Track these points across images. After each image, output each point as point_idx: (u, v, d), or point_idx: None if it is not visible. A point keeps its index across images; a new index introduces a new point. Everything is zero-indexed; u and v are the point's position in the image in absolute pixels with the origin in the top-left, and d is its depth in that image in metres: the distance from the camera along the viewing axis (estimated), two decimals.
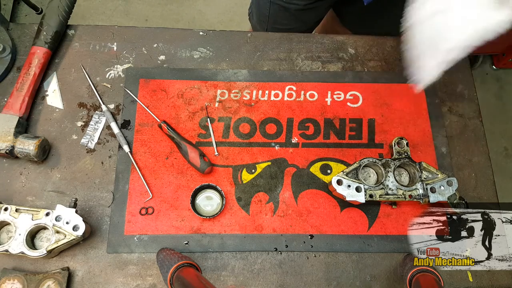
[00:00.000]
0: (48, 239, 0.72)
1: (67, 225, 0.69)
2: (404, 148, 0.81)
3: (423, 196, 0.76)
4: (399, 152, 0.81)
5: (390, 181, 0.77)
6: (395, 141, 0.81)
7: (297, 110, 0.88)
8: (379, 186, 0.77)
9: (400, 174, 0.81)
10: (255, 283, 0.76)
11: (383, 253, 0.79)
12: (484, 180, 0.85)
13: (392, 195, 0.76)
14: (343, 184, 0.76)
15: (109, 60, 0.90)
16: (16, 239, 0.69)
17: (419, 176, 0.77)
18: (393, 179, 0.77)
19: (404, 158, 0.79)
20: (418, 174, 0.77)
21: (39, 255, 0.68)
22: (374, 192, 0.76)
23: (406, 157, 0.80)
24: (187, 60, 0.92)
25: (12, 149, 0.76)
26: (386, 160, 0.79)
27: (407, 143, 0.81)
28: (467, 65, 0.96)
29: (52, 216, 0.70)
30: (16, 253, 0.68)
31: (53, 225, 0.69)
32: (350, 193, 0.75)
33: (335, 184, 0.76)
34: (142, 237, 0.77)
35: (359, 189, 0.75)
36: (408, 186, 0.77)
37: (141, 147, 0.83)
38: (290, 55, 0.94)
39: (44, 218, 0.70)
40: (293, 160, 0.84)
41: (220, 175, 0.82)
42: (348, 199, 0.75)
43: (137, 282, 0.74)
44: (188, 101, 0.87)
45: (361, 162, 0.78)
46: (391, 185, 0.77)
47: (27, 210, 0.71)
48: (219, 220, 0.79)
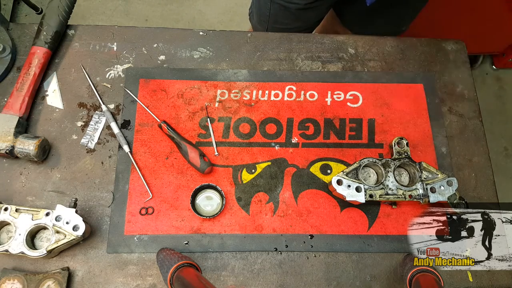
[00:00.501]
0: (48, 239, 0.72)
1: (67, 225, 0.69)
2: (404, 148, 0.81)
3: (423, 196, 0.76)
4: (399, 152, 0.81)
5: (390, 181, 0.77)
6: (395, 141, 0.81)
7: (297, 110, 0.88)
8: (379, 186, 0.77)
9: (400, 174, 0.81)
10: (255, 283, 0.76)
11: (383, 253, 0.79)
12: (484, 180, 0.85)
13: (392, 195, 0.76)
14: (343, 184, 0.76)
15: (109, 60, 0.90)
16: (16, 239, 0.69)
17: (419, 176, 0.77)
18: (393, 179, 0.77)
19: (404, 158, 0.80)
20: (418, 174, 0.77)
21: (39, 255, 0.68)
22: (374, 192, 0.76)
23: (406, 157, 0.80)
24: (187, 60, 0.92)
25: (12, 149, 0.76)
26: (386, 160, 0.79)
27: (407, 143, 0.81)
28: (467, 65, 0.96)
29: (52, 216, 0.70)
30: (16, 253, 0.68)
31: (53, 225, 0.70)
32: (350, 193, 0.75)
33: (335, 184, 0.76)
34: (142, 237, 0.77)
35: (359, 189, 0.76)
36: (408, 186, 0.77)
37: (141, 147, 0.83)
38: (290, 55, 0.94)
39: (44, 218, 0.70)
40: (293, 160, 0.84)
41: (220, 175, 0.82)
42: (348, 199, 0.75)
43: (137, 282, 0.74)
44: (188, 101, 0.87)
45: (361, 162, 0.78)
46: (391, 185, 0.77)
47: (27, 210, 0.71)
48: (219, 220, 0.79)
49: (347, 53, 0.95)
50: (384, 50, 0.95)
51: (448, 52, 0.96)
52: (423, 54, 0.95)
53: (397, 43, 0.96)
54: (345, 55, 0.94)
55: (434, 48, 0.96)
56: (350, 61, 0.94)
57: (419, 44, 0.96)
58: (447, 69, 0.94)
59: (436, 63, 0.95)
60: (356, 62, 0.94)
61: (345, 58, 0.94)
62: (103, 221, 0.78)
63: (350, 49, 0.95)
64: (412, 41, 0.97)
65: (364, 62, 0.94)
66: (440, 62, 0.95)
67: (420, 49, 0.96)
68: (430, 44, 0.97)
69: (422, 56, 0.95)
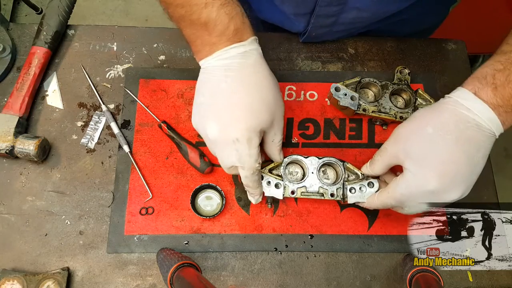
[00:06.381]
0: None
1: None
2: (405, 76, 0.87)
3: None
4: (399, 78, 0.87)
5: (385, 101, 0.83)
6: (398, 69, 0.88)
7: (297, 110, 0.88)
8: (374, 103, 0.83)
9: (396, 100, 0.87)
10: (255, 283, 0.76)
11: (383, 253, 0.79)
12: (484, 180, 0.85)
13: (384, 113, 0.82)
14: (340, 91, 0.82)
15: (109, 60, 0.90)
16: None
17: (414, 102, 0.84)
18: (389, 100, 0.83)
19: (403, 84, 0.85)
20: (412, 99, 0.84)
21: None
22: (368, 107, 0.82)
23: (405, 84, 0.86)
24: (187, 60, 0.92)
25: (12, 149, 0.76)
26: (386, 83, 0.85)
27: (409, 72, 0.87)
28: (467, 65, 0.96)
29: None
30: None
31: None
32: (348, 102, 0.81)
33: (333, 90, 0.82)
34: (142, 237, 0.77)
35: (354, 98, 0.82)
36: (401, 108, 0.83)
37: (141, 147, 0.83)
38: (290, 55, 0.94)
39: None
40: None
41: (220, 175, 0.82)
42: (341, 103, 0.81)
43: (137, 282, 0.75)
44: (188, 101, 0.87)
45: (363, 80, 0.84)
46: (385, 105, 0.83)
47: None
48: (219, 220, 0.79)
49: (347, 53, 0.95)
50: (384, 50, 0.95)
51: (448, 52, 0.96)
52: (423, 54, 0.95)
53: (397, 43, 0.96)
54: (345, 55, 0.94)
55: (434, 48, 0.96)
56: (350, 61, 0.94)
57: (419, 44, 0.96)
58: (447, 69, 0.94)
59: (436, 63, 0.95)
60: (356, 62, 0.94)
61: (345, 58, 0.94)
62: (103, 221, 0.78)
63: (350, 49, 0.95)
64: (412, 41, 0.97)
65: (364, 62, 0.94)
66: (440, 62, 0.95)
67: (420, 49, 0.96)
68: (430, 44, 0.97)
69: (422, 56, 0.95)
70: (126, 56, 0.91)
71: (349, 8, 0.79)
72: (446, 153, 0.61)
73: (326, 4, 0.78)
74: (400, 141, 0.67)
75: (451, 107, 0.63)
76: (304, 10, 0.82)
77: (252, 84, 0.64)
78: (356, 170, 0.77)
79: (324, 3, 0.78)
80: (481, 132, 0.61)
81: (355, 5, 0.78)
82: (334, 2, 0.77)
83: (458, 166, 0.61)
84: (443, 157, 0.61)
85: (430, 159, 0.62)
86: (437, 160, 0.62)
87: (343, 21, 0.84)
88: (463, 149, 0.61)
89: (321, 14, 0.81)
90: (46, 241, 0.76)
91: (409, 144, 0.65)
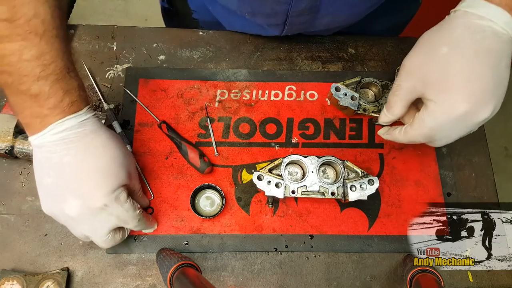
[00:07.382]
0: None
1: None
2: None
3: None
4: None
5: (386, 101, 0.82)
6: (398, 69, 0.86)
7: (297, 110, 0.88)
8: (374, 103, 0.83)
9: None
10: (255, 283, 0.76)
11: (384, 254, 0.79)
12: (484, 180, 0.85)
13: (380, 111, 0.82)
14: (340, 91, 0.82)
15: (108, 60, 0.90)
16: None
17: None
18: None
19: None
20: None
21: None
22: (368, 107, 0.82)
23: None
24: (187, 60, 0.92)
25: (12, 149, 0.76)
26: (386, 82, 0.85)
27: None
28: None
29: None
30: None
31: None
32: (347, 101, 0.82)
33: (333, 90, 0.82)
34: (141, 237, 0.77)
35: (354, 98, 0.82)
36: None
37: (141, 147, 0.83)
38: (290, 55, 0.94)
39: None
40: None
41: (220, 175, 0.82)
42: (342, 103, 0.82)
43: (137, 283, 0.74)
44: (188, 101, 0.87)
45: (363, 80, 0.85)
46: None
47: None
48: (219, 220, 0.79)
49: (347, 53, 0.95)
50: (384, 50, 0.95)
51: None
52: None
53: (397, 43, 0.96)
54: (345, 55, 0.94)
55: None
56: (350, 61, 0.94)
57: None
58: None
59: None
60: (356, 62, 0.94)
61: (345, 58, 0.94)
62: None
63: (350, 49, 0.95)
64: (412, 41, 0.95)
65: (364, 62, 0.94)
66: None
67: None
68: None
69: None
70: (125, 56, 0.91)
71: (322, 15, 0.79)
72: (468, 70, 0.56)
73: (297, 15, 0.77)
74: (415, 72, 0.61)
75: (461, 20, 0.57)
76: (276, 21, 0.82)
77: (98, 147, 0.60)
78: (356, 168, 0.77)
79: (295, 13, 0.77)
80: (500, 39, 0.55)
81: (328, 11, 0.78)
82: (305, 11, 0.76)
83: (484, 81, 0.56)
84: (466, 75, 0.56)
85: (453, 81, 0.57)
86: (460, 80, 0.56)
87: (318, 27, 0.85)
88: (485, 61, 0.55)
89: (294, 23, 0.81)
90: (46, 241, 0.76)
91: (425, 71, 0.60)
